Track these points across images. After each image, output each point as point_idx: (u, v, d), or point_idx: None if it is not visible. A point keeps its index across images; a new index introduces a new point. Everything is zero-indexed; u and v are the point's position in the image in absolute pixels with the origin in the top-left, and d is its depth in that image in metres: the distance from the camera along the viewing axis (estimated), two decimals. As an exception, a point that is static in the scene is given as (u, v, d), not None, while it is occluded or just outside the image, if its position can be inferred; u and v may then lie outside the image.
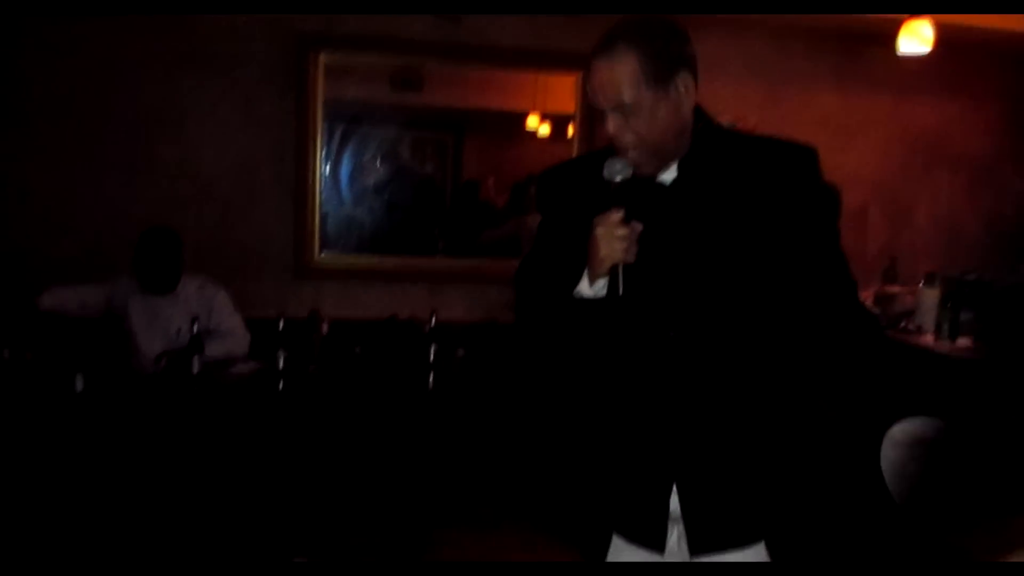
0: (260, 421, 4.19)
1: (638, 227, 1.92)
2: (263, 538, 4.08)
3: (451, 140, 6.17)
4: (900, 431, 3.55)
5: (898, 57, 5.27)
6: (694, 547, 2.05)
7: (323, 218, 5.49)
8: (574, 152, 5.87)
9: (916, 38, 5.11)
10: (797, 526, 2.10)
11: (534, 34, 5.59)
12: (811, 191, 1.99)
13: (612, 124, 1.95)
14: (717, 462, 2.03)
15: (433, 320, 4.84)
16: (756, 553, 2.07)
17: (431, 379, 4.77)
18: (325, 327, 4.95)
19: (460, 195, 6.16)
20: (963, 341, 4.17)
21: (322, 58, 5.31)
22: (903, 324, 4.41)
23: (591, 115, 5.82)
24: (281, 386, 4.32)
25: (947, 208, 6.38)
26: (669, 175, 2.02)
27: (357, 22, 5.27)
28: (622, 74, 1.91)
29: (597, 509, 2.18)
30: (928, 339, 4.23)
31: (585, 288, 1.97)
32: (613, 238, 1.89)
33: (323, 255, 5.50)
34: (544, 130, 6.11)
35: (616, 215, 1.90)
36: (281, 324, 4.41)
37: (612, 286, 1.94)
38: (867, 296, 4.60)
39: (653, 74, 1.92)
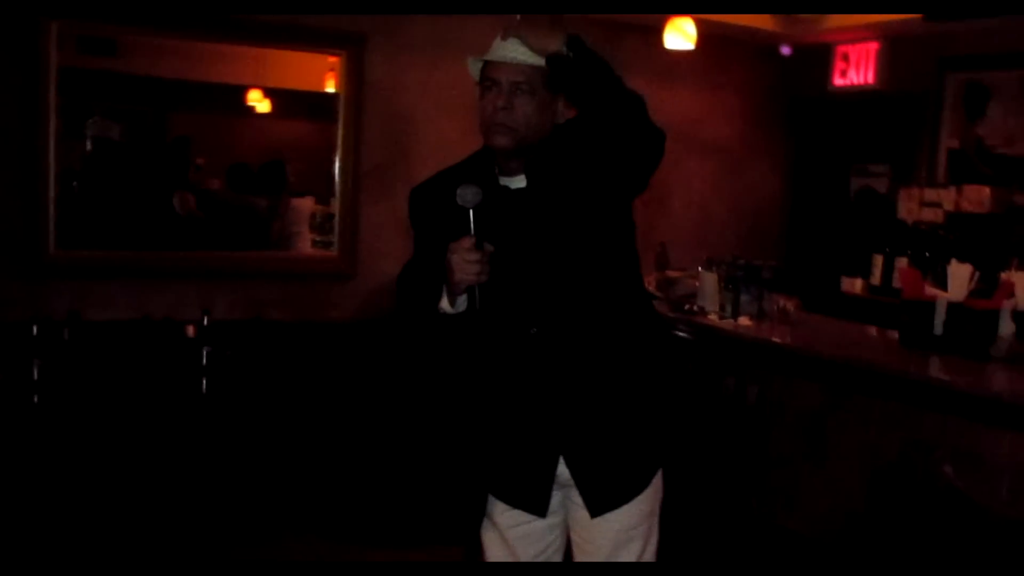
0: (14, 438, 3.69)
1: (489, 249, 2.11)
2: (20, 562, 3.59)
3: (151, 113, 5.77)
4: None
5: (656, 47, 5.45)
6: (593, 509, 2.28)
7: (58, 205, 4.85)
8: (302, 132, 5.58)
9: (681, 34, 5.32)
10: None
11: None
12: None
13: (502, 99, 2.15)
14: (595, 432, 2.25)
15: (205, 320, 4.47)
16: (639, 504, 2.31)
17: (204, 384, 4.41)
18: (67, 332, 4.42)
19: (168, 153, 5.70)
20: (743, 320, 4.34)
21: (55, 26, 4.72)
22: (687, 306, 4.53)
23: (358, 101, 5.61)
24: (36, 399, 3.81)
25: (699, 195, 6.67)
26: (518, 183, 2.23)
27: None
28: (535, 61, 2.12)
29: (480, 484, 2.41)
30: (713, 319, 4.39)
31: (446, 306, 2.18)
32: (466, 263, 2.07)
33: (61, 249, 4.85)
34: (263, 107, 5.82)
35: (468, 242, 2.08)
36: (35, 329, 3.90)
37: (471, 302, 2.14)
38: (649, 281, 4.69)
39: (551, 82, 2.16)
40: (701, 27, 5.54)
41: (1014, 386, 3.30)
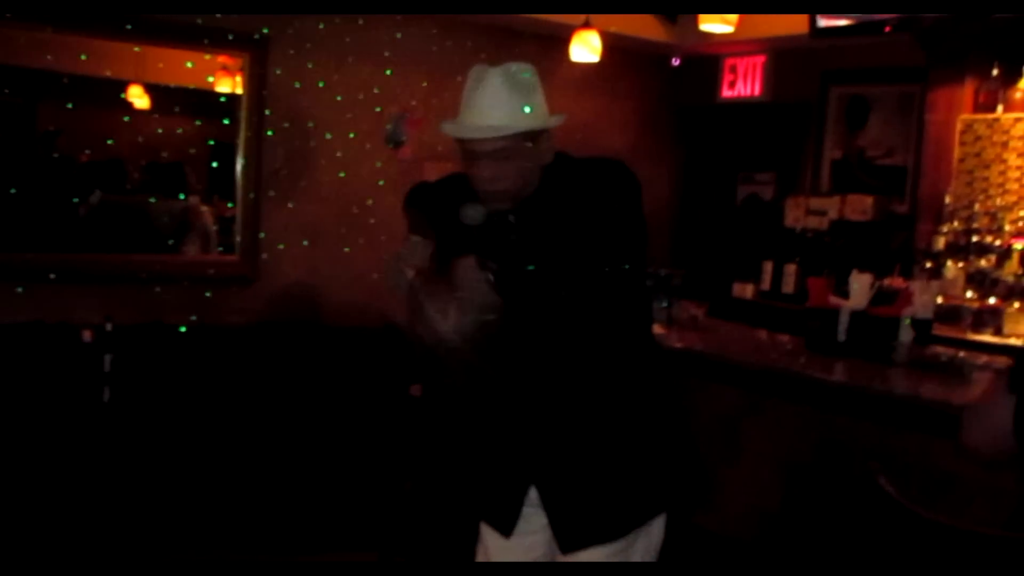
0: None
1: (493, 267, 1.99)
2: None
3: (20, 105, 5.52)
4: None
5: (555, 55, 5.54)
6: (563, 544, 2.21)
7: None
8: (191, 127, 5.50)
9: (586, 47, 5.41)
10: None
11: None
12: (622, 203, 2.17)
13: (489, 170, 2.07)
14: (567, 468, 2.21)
15: (108, 325, 4.32)
16: (617, 549, 2.22)
17: (107, 393, 4.27)
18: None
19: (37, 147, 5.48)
20: (656, 327, 4.43)
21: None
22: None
23: (259, 103, 5.52)
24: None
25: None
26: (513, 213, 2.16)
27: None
28: (512, 125, 2.05)
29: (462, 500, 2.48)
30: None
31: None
32: (475, 280, 1.97)
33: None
34: (142, 103, 5.67)
35: (472, 260, 1.98)
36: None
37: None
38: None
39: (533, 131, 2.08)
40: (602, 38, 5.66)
41: (916, 388, 3.49)
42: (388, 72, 5.71)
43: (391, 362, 4.58)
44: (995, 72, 5.13)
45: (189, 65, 5.57)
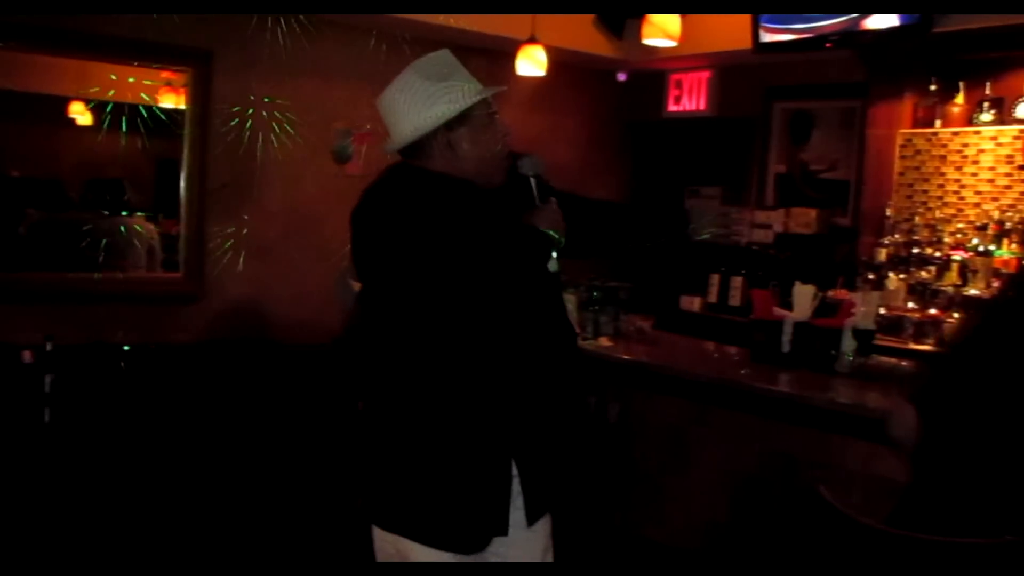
0: None
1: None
2: None
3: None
4: None
5: (502, 71, 5.55)
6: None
7: None
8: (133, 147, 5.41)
9: (532, 61, 5.42)
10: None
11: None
12: None
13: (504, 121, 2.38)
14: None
15: (48, 345, 4.25)
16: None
17: (47, 414, 4.19)
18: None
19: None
20: (603, 340, 4.47)
21: None
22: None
23: (204, 118, 5.47)
24: None
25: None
26: None
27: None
28: None
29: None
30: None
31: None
32: (558, 218, 2.28)
33: None
34: (85, 119, 5.62)
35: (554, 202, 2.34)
36: None
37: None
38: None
39: None
40: (548, 53, 5.68)
41: (860, 398, 3.54)
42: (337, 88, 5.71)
43: (339, 378, 4.55)
44: (933, 88, 5.23)
45: (131, 80, 5.51)
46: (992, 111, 5.02)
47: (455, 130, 2.27)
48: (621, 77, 7.12)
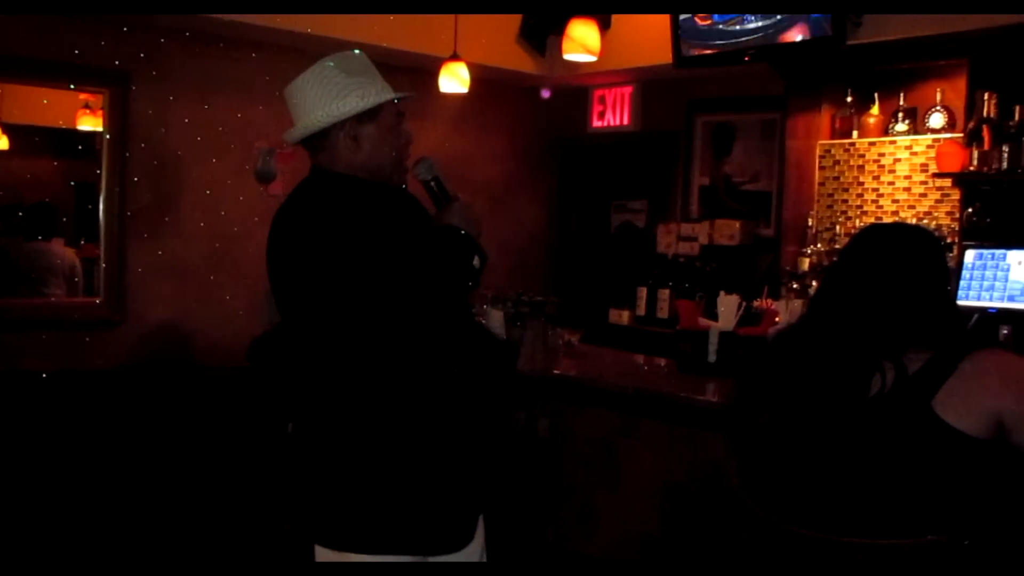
0: None
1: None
2: None
3: None
4: None
5: (426, 89, 5.53)
6: None
7: None
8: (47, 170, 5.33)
9: (455, 78, 5.41)
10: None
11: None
12: None
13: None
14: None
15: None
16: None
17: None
18: None
19: None
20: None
21: None
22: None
23: (122, 140, 5.37)
24: None
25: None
26: None
27: None
28: None
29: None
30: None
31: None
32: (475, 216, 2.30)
33: None
34: (1, 143, 5.52)
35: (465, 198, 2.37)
36: None
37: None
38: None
39: None
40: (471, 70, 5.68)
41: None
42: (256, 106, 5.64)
43: (265, 401, 4.48)
44: (849, 99, 5.33)
45: (45, 102, 5.40)
46: (906, 121, 5.13)
47: (363, 125, 2.30)
48: (545, 94, 7.15)
